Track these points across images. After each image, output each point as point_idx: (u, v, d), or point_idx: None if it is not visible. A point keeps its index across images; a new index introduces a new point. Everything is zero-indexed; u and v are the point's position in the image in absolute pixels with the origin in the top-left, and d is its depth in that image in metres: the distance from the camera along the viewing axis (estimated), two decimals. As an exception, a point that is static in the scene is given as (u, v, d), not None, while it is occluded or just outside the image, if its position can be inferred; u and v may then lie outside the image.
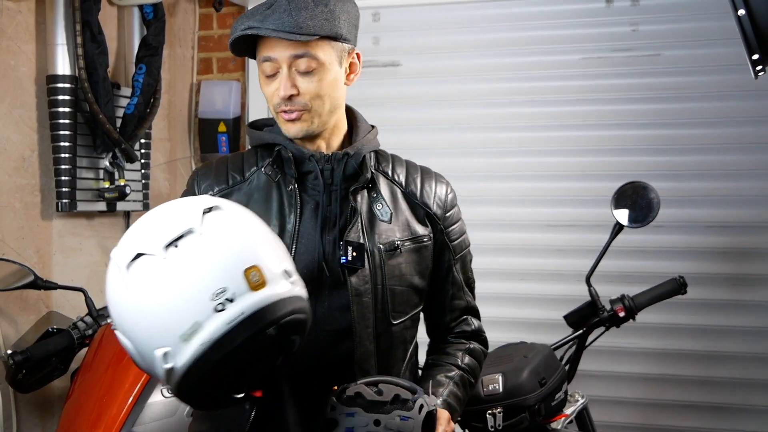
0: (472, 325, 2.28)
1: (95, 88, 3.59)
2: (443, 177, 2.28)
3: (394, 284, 2.07)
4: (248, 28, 1.93)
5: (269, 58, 1.96)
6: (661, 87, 3.86)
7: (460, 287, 2.25)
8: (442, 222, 2.18)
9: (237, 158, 2.16)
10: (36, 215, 3.56)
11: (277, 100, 1.98)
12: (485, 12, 4.09)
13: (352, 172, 2.08)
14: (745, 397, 3.73)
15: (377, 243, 2.06)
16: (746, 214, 3.75)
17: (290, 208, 2.04)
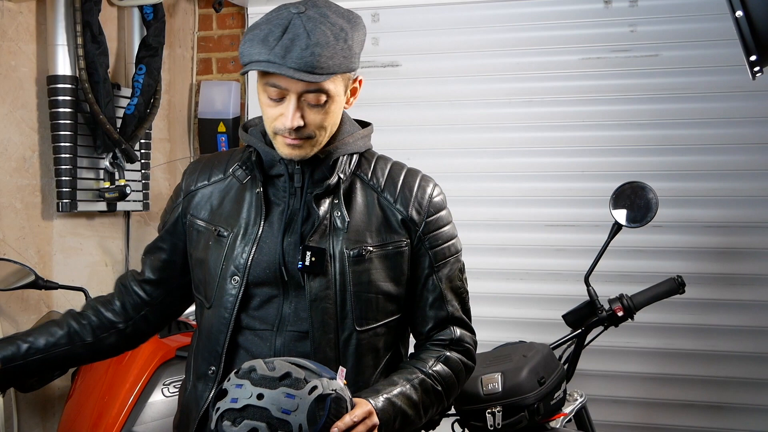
0: (454, 334, 2.17)
1: (96, 88, 3.60)
2: (431, 180, 2.19)
3: (361, 291, 2.04)
4: (267, 63, 1.87)
5: (278, 86, 1.92)
6: (659, 87, 3.87)
7: (441, 296, 2.15)
8: (420, 227, 2.11)
9: (226, 155, 2.21)
10: (37, 215, 3.57)
11: (279, 126, 1.95)
12: (484, 13, 4.10)
13: (321, 176, 2.06)
14: (743, 396, 3.74)
15: (344, 249, 2.03)
16: (744, 214, 3.76)
17: (257, 210, 2.07)
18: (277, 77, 1.91)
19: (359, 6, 4.17)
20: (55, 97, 3.55)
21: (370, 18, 4.22)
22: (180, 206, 2.19)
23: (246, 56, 1.91)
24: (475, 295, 3.97)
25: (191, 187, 2.18)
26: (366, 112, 4.16)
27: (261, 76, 1.95)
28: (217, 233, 2.08)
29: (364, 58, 4.24)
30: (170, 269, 2.23)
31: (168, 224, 2.21)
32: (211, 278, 2.08)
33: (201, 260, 2.11)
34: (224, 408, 1.76)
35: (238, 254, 2.04)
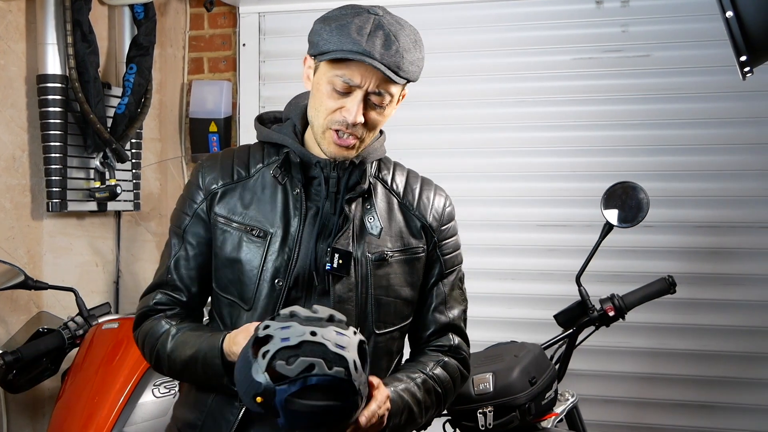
0: (452, 341, 2.21)
1: (86, 87, 3.59)
2: (443, 190, 2.27)
3: (380, 294, 2.07)
4: (363, 55, 1.88)
5: (351, 81, 1.92)
6: (650, 88, 3.87)
7: (444, 302, 2.21)
8: (437, 235, 2.17)
9: (243, 152, 2.16)
10: (26, 215, 3.56)
11: (339, 119, 1.96)
12: (476, 13, 4.10)
13: (354, 181, 2.07)
14: (734, 395, 3.74)
15: (366, 252, 2.05)
16: (735, 215, 3.76)
17: (295, 212, 2.05)
18: (353, 71, 1.91)
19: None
20: (45, 96, 3.54)
21: (361, 18, 4.21)
22: (203, 206, 2.11)
23: (335, 43, 1.90)
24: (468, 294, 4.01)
25: (213, 185, 2.11)
26: (357, 112, 4.20)
27: (332, 67, 1.93)
28: (253, 233, 2.05)
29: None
30: (206, 271, 2.13)
31: (190, 226, 2.12)
32: (249, 279, 2.04)
33: (233, 260, 2.06)
34: (276, 348, 1.69)
35: (281, 256, 2.02)
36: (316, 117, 2.00)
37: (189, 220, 2.12)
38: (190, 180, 2.17)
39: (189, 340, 2.03)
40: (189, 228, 2.12)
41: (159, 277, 2.15)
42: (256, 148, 2.17)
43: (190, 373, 2.04)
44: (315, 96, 2.01)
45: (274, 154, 2.12)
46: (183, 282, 2.12)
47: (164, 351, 2.06)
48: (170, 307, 2.13)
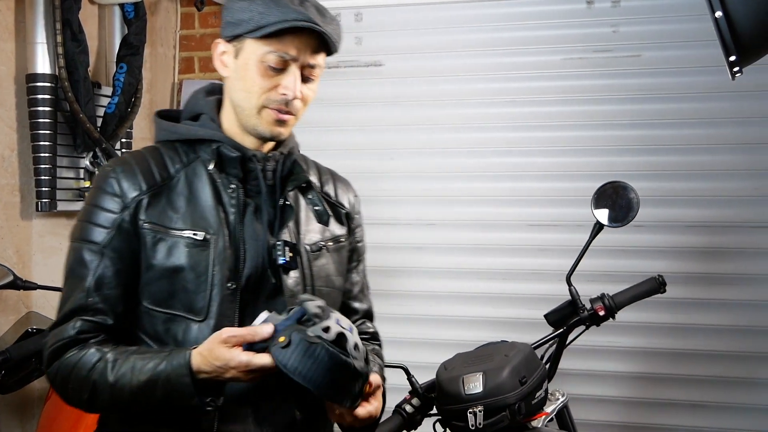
0: (371, 328, 2.26)
1: (75, 87, 3.58)
2: (348, 180, 2.29)
3: (321, 285, 2.05)
4: (309, 23, 1.84)
5: (286, 54, 1.88)
6: (641, 88, 3.87)
7: (361, 290, 2.23)
8: (353, 222, 2.20)
9: (155, 154, 2.01)
10: (15, 215, 3.55)
11: (276, 97, 1.91)
12: (467, 12, 4.10)
13: (287, 171, 2.04)
14: (724, 394, 3.75)
15: (304, 244, 2.04)
16: (725, 214, 3.77)
17: (232, 210, 1.96)
18: (288, 44, 1.88)
19: (343, 5, 4.17)
20: (35, 95, 3.53)
21: (353, 17, 4.22)
22: (125, 216, 1.92)
23: (275, 15, 1.85)
24: (457, 294, 4.02)
25: (134, 193, 1.93)
26: (348, 112, 4.21)
27: (264, 43, 1.88)
28: (194, 237, 1.91)
29: (347, 57, 4.26)
30: (133, 288, 1.95)
31: (110, 240, 1.91)
32: (197, 287, 1.91)
33: (173, 269, 1.91)
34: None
35: (229, 258, 1.92)
36: (248, 99, 1.93)
37: (108, 233, 1.91)
38: (99, 188, 1.96)
39: (138, 365, 1.82)
40: (109, 242, 1.91)
41: (76, 302, 1.91)
42: (167, 147, 2.02)
43: (144, 401, 1.83)
44: (245, 78, 1.92)
45: (192, 152, 2.00)
46: (108, 303, 1.90)
47: (104, 382, 1.83)
48: (94, 335, 1.90)
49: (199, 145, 2.01)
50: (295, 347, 1.68)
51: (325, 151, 3.95)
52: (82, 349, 1.88)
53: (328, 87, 4.19)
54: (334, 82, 4.21)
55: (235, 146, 1.98)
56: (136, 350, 1.89)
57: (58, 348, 1.90)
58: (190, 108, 2.08)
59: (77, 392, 1.89)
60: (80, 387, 1.87)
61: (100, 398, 1.86)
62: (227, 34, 1.95)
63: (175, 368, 1.79)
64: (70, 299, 1.93)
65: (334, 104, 4.21)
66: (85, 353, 1.87)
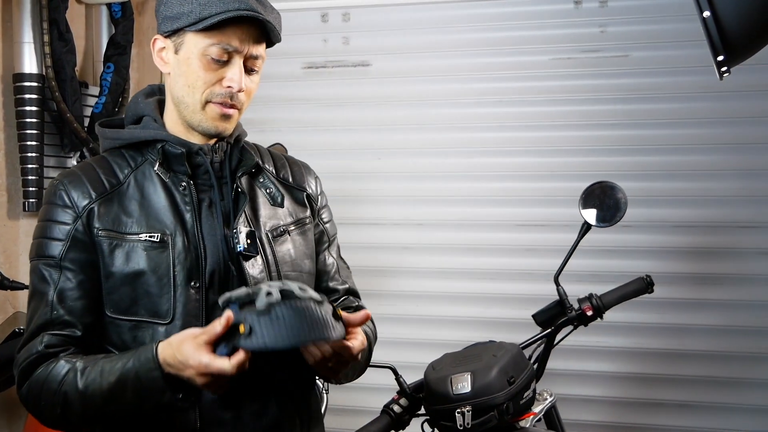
0: (355, 303, 2.22)
1: (62, 86, 3.57)
2: (306, 163, 2.25)
3: (287, 270, 2.02)
4: (251, 12, 1.82)
5: (229, 46, 1.86)
6: (628, 88, 3.88)
7: (337, 270, 2.21)
8: (317, 203, 2.18)
9: (103, 162, 1.98)
10: (3, 215, 3.54)
11: (220, 90, 1.89)
12: (454, 12, 4.10)
13: (236, 160, 2.03)
14: (711, 394, 3.76)
15: (263, 230, 2.01)
16: (712, 214, 3.78)
17: (186, 207, 1.94)
18: (231, 36, 1.86)
19: (330, 5, 4.17)
20: (22, 95, 3.52)
21: (340, 17, 4.22)
22: (78, 225, 1.89)
23: (216, 6, 1.83)
24: (445, 294, 4.02)
25: (84, 201, 1.90)
26: (336, 112, 4.21)
27: (205, 36, 1.86)
28: (151, 239, 1.88)
29: (335, 57, 4.25)
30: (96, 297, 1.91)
31: (66, 252, 1.88)
32: (160, 290, 1.88)
33: (133, 274, 1.87)
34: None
35: (189, 257, 1.90)
36: (191, 94, 1.91)
37: (63, 245, 1.88)
38: (50, 202, 1.93)
39: (107, 369, 1.79)
40: (65, 254, 1.88)
41: (40, 317, 1.88)
42: (114, 154, 1.99)
43: (116, 405, 1.79)
44: (187, 73, 1.90)
45: (138, 155, 1.98)
46: (73, 314, 1.87)
47: (74, 391, 1.79)
48: (63, 348, 1.86)
49: (145, 147, 1.99)
50: (258, 325, 1.67)
51: (312, 151, 3.97)
52: (50, 364, 1.84)
53: (315, 87, 4.23)
54: (322, 82, 4.21)
55: (179, 143, 1.96)
56: (103, 356, 1.85)
57: (26, 366, 1.87)
58: (132, 113, 2.06)
59: (50, 408, 1.84)
60: (52, 402, 1.83)
61: (72, 410, 1.82)
62: (165, 29, 1.92)
63: (143, 363, 1.75)
64: (35, 317, 1.89)
65: (321, 104, 4.20)
66: (54, 366, 1.83)
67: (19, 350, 1.90)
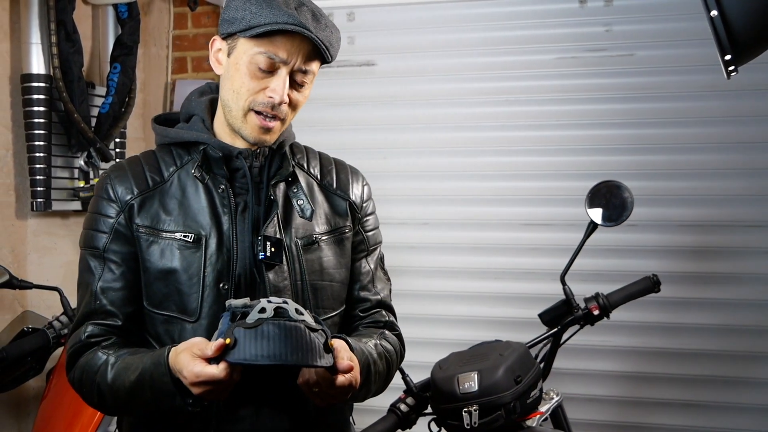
0: (386, 318, 2.19)
1: (70, 87, 3.58)
2: (357, 169, 2.24)
3: (315, 279, 2.02)
4: (300, 27, 1.83)
5: (276, 57, 1.87)
6: (634, 87, 3.88)
7: (372, 280, 2.18)
8: (360, 211, 2.16)
9: (151, 158, 2.04)
10: (11, 215, 3.55)
11: (263, 100, 1.90)
12: (460, 12, 4.10)
13: (276, 167, 2.03)
14: (717, 394, 3.76)
15: (294, 237, 2.01)
16: (718, 213, 3.78)
17: (224, 210, 1.97)
18: (279, 47, 1.86)
19: (335, 5, 4.17)
20: (29, 95, 3.53)
21: (345, 17, 4.22)
22: (121, 219, 1.96)
23: (267, 16, 1.84)
24: (451, 294, 4.03)
25: (128, 196, 1.96)
26: (341, 112, 4.22)
27: (255, 44, 1.87)
28: (186, 239, 1.93)
29: (340, 57, 4.23)
30: (137, 288, 1.98)
31: (110, 244, 1.96)
32: (189, 289, 1.93)
33: (166, 271, 1.93)
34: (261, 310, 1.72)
35: (221, 258, 1.94)
36: (236, 100, 1.93)
37: (107, 238, 1.96)
38: (97, 195, 2.01)
39: (131, 364, 1.85)
40: (109, 246, 1.96)
41: (85, 306, 1.97)
42: (163, 151, 2.05)
43: (139, 401, 1.86)
44: (234, 77, 1.92)
45: (186, 154, 2.02)
46: (115, 305, 1.95)
47: (105, 383, 1.87)
48: (105, 338, 1.94)
49: (191, 146, 2.03)
50: (243, 339, 1.67)
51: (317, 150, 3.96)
52: (90, 353, 1.93)
53: (320, 87, 4.20)
54: (327, 82, 4.21)
55: (219, 147, 1.98)
56: (133, 351, 1.91)
57: (72, 353, 1.96)
58: (185, 110, 2.10)
59: (89, 395, 1.95)
60: (90, 390, 1.93)
61: (105, 400, 1.92)
62: (223, 31, 1.95)
63: (156, 366, 1.79)
64: (82, 304, 1.98)
65: (326, 104, 4.21)
66: (92, 357, 1.92)
67: (70, 334, 2.00)
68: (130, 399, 1.86)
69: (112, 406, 1.94)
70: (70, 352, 1.97)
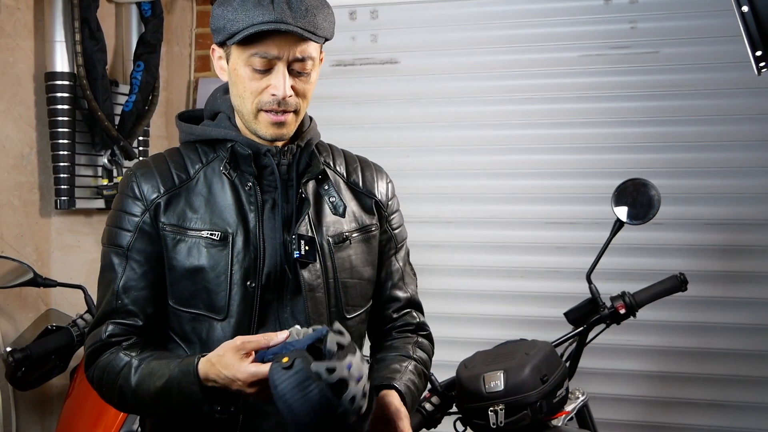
0: (417, 319, 2.22)
1: (94, 85, 3.59)
2: (381, 167, 2.24)
3: (345, 277, 2.03)
4: (277, 23, 1.80)
5: (268, 54, 1.85)
6: (659, 84, 3.85)
7: (402, 278, 2.19)
8: (386, 209, 2.16)
9: (176, 155, 2.03)
10: (35, 213, 3.56)
11: (267, 98, 1.89)
12: (483, 9, 4.08)
13: (304, 164, 2.02)
14: (745, 394, 3.72)
15: (325, 235, 2.01)
16: (746, 211, 3.75)
17: (250, 207, 1.96)
18: (268, 44, 1.84)
19: (358, 2, 4.17)
20: (53, 93, 3.55)
21: (369, 15, 4.21)
22: (146, 218, 1.95)
23: (243, 21, 1.81)
24: (475, 292, 4.01)
25: (154, 195, 1.95)
26: (364, 109, 4.21)
27: (245, 47, 1.85)
28: (212, 237, 1.93)
29: (363, 55, 4.25)
30: (159, 288, 1.98)
31: (134, 243, 1.95)
32: (217, 287, 1.93)
33: (193, 269, 1.93)
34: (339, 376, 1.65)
35: (248, 256, 1.93)
36: (243, 104, 1.93)
37: (131, 236, 1.95)
38: (122, 192, 2.00)
39: (157, 370, 1.85)
40: (133, 245, 1.95)
41: (106, 305, 1.97)
42: (188, 148, 2.05)
43: (164, 406, 1.87)
44: (236, 83, 1.92)
45: (211, 151, 2.01)
46: (137, 305, 1.95)
47: (128, 386, 1.88)
48: (126, 338, 1.94)
49: (217, 144, 2.02)
50: (294, 373, 1.62)
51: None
52: (112, 354, 1.93)
53: (343, 85, 4.23)
54: (350, 80, 4.21)
55: (248, 144, 1.97)
56: (157, 355, 1.92)
57: (92, 351, 1.96)
58: (210, 107, 2.09)
59: (109, 395, 1.96)
60: (111, 391, 1.94)
61: (127, 402, 1.93)
62: (215, 40, 1.94)
63: (185, 375, 1.80)
64: (103, 302, 1.98)
65: (349, 102, 4.20)
66: (114, 358, 1.92)
67: (89, 332, 2.00)
68: (155, 404, 1.88)
69: (133, 408, 1.98)
70: (90, 351, 1.97)
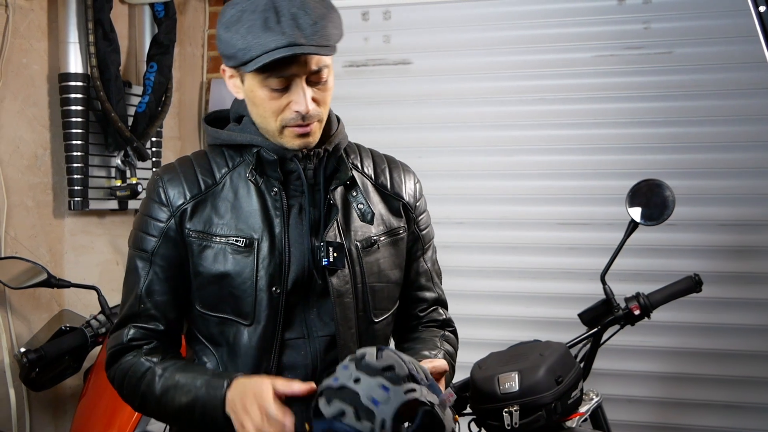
0: (443, 315, 2.24)
1: (107, 86, 3.59)
2: (408, 166, 2.23)
3: (373, 281, 2.03)
4: (291, 47, 1.77)
5: (285, 74, 1.83)
6: (673, 85, 3.84)
7: (429, 278, 2.20)
8: (414, 211, 2.15)
9: (202, 160, 2.03)
10: (48, 213, 3.57)
11: (291, 116, 1.87)
12: (496, 10, 4.08)
13: (332, 169, 2.01)
14: (759, 395, 3.71)
15: (354, 240, 2.00)
16: (760, 212, 3.73)
17: (276, 213, 1.95)
18: (285, 66, 1.81)
19: (371, 3, 4.16)
20: (67, 94, 3.55)
21: (381, 15, 4.21)
22: (172, 224, 1.96)
23: (256, 48, 1.78)
24: (488, 294, 4.01)
25: (180, 201, 1.96)
26: (377, 110, 4.21)
27: (259, 71, 1.82)
28: (237, 243, 1.93)
29: (376, 55, 4.24)
30: (182, 294, 2.01)
31: (158, 248, 1.97)
32: (243, 293, 1.93)
33: (220, 275, 1.94)
34: (324, 386, 1.71)
35: (273, 262, 1.93)
36: (266, 123, 1.91)
37: (156, 242, 1.96)
38: (149, 197, 2.01)
39: (183, 384, 1.89)
40: (157, 250, 1.96)
41: (129, 308, 1.99)
42: (214, 152, 2.04)
43: (185, 420, 1.92)
44: (255, 104, 1.91)
45: (237, 156, 2.00)
46: (159, 309, 1.97)
47: (152, 393, 1.92)
48: (147, 342, 1.97)
49: (243, 148, 2.01)
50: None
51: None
52: (134, 357, 1.96)
53: (356, 85, 4.23)
54: (363, 81, 4.21)
55: (273, 149, 1.95)
56: (182, 366, 1.95)
57: (114, 352, 2.00)
58: (235, 110, 2.07)
59: (130, 398, 2.01)
60: (132, 394, 1.98)
61: (149, 407, 1.97)
62: (227, 65, 1.92)
63: (211, 399, 1.84)
64: (126, 305, 2.01)
65: (362, 103, 4.20)
66: (137, 362, 1.95)
67: (112, 332, 2.03)
68: (177, 416, 1.93)
69: (154, 414, 2.02)
70: (111, 352, 2.00)
